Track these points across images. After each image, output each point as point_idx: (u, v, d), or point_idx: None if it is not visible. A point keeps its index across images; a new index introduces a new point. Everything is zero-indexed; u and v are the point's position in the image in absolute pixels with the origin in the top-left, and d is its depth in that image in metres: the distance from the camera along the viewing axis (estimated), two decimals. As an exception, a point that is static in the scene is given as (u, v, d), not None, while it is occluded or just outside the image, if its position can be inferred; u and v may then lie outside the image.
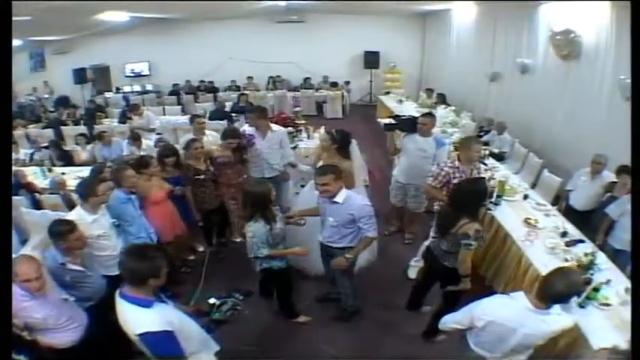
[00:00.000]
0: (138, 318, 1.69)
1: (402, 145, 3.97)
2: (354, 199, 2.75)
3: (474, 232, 2.45)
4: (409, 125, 3.91)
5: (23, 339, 2.14)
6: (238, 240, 4.44)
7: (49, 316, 2.13)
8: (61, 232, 2.37)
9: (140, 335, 1.66)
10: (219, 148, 3.98)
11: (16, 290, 2.05)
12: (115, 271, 2.71)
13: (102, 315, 2.40)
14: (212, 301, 2.08)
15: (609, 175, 3.72)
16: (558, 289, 1.82)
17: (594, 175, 3.80)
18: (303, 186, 5.45)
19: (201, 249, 4.26)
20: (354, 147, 3.60)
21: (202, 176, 3.76)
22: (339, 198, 2.72)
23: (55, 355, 2.25)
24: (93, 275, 2.58)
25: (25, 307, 2.06)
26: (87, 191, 2.73)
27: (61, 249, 2.38)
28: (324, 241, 2.96)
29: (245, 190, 2.87)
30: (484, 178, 3.18)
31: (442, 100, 8.17)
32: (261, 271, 2.90)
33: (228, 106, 8.38)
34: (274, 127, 4.21)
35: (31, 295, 2.07)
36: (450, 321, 2.18)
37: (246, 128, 4.20)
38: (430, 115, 4.09)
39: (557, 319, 1.91)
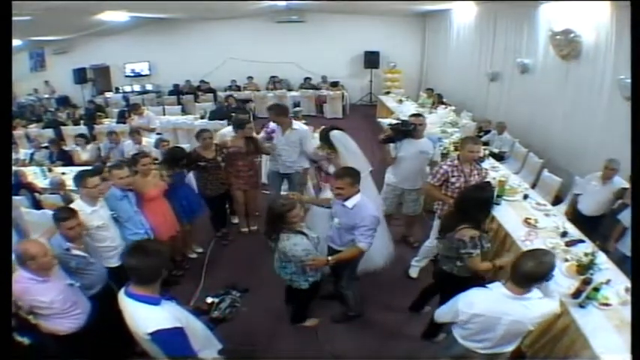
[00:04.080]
0: (148, 316, 1.68)
1: (401, 151, 3.80)
2: (363, 208, 2.68)
3: (468, 238, 2.40)
4: (404, 131, 3.80)
5: (28, 322, 2.20)
6: (244, 229, 4.60)
7: (55, 300, 2.19)
8: (58, 218, 2.49)
9: (152, 333, 1.64)
10: (233, 138, 4.07)
11: (23, 274, 2.12)
12: (114, 263, 2.83)
13: (102, 306, 2.46)
14: (210, 299, 2.08)
15: (620, 181, 3.61)
16: (527, 268, 1.85)
17: (605, 180, 3.66)
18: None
19: (200, 250, 4.27)
20: (341, 138, 3.50)
21: (204, 163, 3.85)
22: (349, 203, 2.69)
23: (57, 341, 2.30)
24: (96, 263, 2.64)
25: (32, 290, 2.12)
26: (78, 181, 2.81)
27: (64, 235, 2.46)
28: (328, 241, 2.95)
29: (267, 206, 2.83)
30: (490, 184, 3.14)
31: (439, 99, 8.17)
32: (307, 287, 2.82)
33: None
34: (296, 125, 4.22)
35: (39, 277, 2.13)
36: (441, 314, 2.24)
37: (271, 123, 4.23)
38: (420, 114, 4.08)
39: (541, 304, 1.93)
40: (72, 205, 2.87)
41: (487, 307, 1.96)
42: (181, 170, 3.79)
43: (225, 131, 4.50)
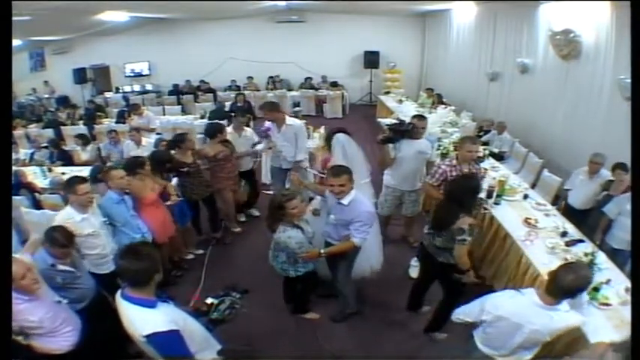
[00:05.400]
0: (144, 319, 1.68)
1: (400, 152, 3.77)
2: (359, 204, 2.72)
3: (468, 226, 2.46)
4: (402, 131, 3.77)
5: (19, 344, 2.11)
6: (237, 230, 4.64)
7: (44, 318, 2.09)
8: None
9: (148, 336, 1.64)
10: (211, 145, 4.11)
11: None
12: (105, 270, 2.80)
13: (93, 318, 2.40)
14: (209, 300, 2.07)
15: (608, 174, 3.71)
16: (567, 282, 1.85)
17: (592, 174, 3.79)
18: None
19: (199, 251, 4.27)
20: (343, 141, 3.47)
21: (186, 169, 3.87)
22: (345, 200, 2.71)
23: None
24: (83, 276, 2.56)
25: (20, 310, 2.01)
26: (67, 189, 2.77)
27: (49, 251, 2.36)
28: (325, 236, 2.96)
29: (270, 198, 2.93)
30: (475, 173, 3.21)
31: (439, 99, 8.17)
32: (297, 277, 2.90)
33: (227, 106, 8.38)
34: (290, 120, 4.31)
35: (25, 297, 2.03)
36: (461, 312, 2.22)
37: (266, 122, 4.35)
38: (424, 117, 4.07)
39: (566, 316, 1.92)
40: (61, 213, 2.81)
41: (513, 311, 1.95)
42: (167, 175, 3.80)
43: (229, 130, 4.54)
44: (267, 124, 4.29)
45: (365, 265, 3.29)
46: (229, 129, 4.48)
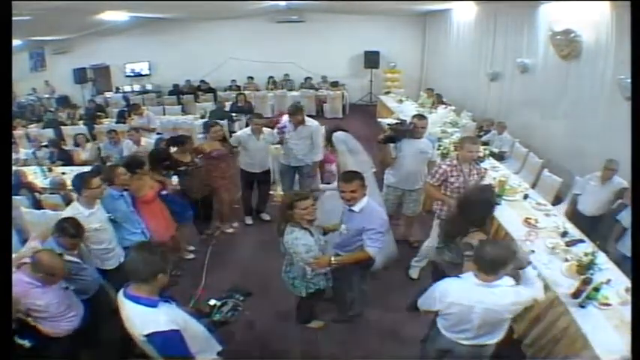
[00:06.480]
0: (145, 318, 1.68)
1: (401, 151, 3.79)
2: (372, 210, 2.62)
3: (477, 242, 2.32)
4: (403, 131, 3.79)
5: (27, 324, 2.23)
6: (230, 230, 4.64)
7: (50, 303, 2.22)
8: (66, 232, 2.50)
9: (148, 335, 1.64)
10: (208, 142, 4.16)
11: (22, 277, 2.16)
12: (111, 265, 2.86)
13: (97, 309, 2.49)
14: (212, 302, 2.07)
15: (620, 181, 3.62)
16: (487, 255, 1.91)
17: (605, 180, 3.67)
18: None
19: (191, 248, 4.27)
20: (344, 139, 3.48)
21: (184, 168, 3.90)
22: (357, 207, 2.61)
23: (54, 343, 2.33)
24: (88, 268, 2.63)
25: (30, 294, 2.16)
26: (81, 184, 2.79)
27: (59, 241, 2.45)
28: (336, 248, 2.87)
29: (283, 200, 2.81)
30: (490, 185, 3.13)
31: (439, 99, 8.17)
32: (308, 295, 2.75)
33: (227, 106, 8.37)
34: (309, 121, 4.42)
35: (36, 282, 2.17)
36: (422, 302, 2.24)
37: (282, 119, 4.50)
38: (424, 116, 4.05)
39: (513, 291, 1.96)
40: (69, 208, 2.85)
41: (461, 295, 2.00)
42: (167, 173, 3.81)
43: (241, 132, 4.57)
44: (284, 121, 4.42)
45: (379, 259, 3.23)
46: (248, 130, 4.41)
